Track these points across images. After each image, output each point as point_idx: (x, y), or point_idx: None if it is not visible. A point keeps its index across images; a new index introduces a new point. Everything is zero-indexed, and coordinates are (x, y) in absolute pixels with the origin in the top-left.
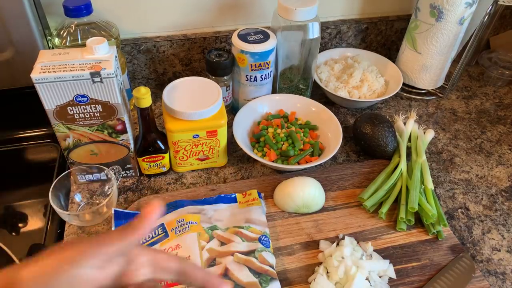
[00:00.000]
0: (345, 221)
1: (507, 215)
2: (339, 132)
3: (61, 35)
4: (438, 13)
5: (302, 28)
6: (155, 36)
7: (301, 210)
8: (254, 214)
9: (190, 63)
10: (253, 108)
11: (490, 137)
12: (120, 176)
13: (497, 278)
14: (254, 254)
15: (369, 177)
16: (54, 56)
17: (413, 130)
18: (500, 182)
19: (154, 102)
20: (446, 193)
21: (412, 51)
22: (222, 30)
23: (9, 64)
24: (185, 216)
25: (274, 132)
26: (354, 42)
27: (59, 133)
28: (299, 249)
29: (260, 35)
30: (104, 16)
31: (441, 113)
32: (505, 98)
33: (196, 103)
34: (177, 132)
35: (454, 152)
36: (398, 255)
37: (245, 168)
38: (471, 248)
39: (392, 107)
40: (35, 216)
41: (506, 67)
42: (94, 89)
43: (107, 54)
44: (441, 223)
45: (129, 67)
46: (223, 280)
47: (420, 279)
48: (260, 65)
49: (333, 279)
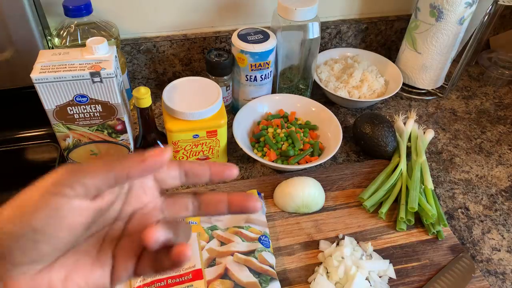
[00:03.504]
0: (345, 221)
1: (507, 215)
2: (339, 132)
3: (61, 35)
4: (438, 13)
5: (302, 28)
6: (155, 36)
7: (301, 210)
8: (254, 214)
9: (190, 63)
10: (253, 108)
11: (490, 137)
12: None
13: (497, 278)
14: (254, 254)
15: (369, 177)
16: (54, 56)
17: (413, 130)
18: (500, 182)
19: (154, 102)
20: (446, 193)
21: (412, 51)
22: (222, 30)
23: (9, 64)
24: None
25: (274, 132)
26: (354, 42)
27: (59, 133)
28: (299, 249)
29: (260, 35)
30: (104, 16)
31: (441, 113)
32: (505, 98)
33: (196, 103)
34: (177, 132)
35: (454, 152)
36: (398, 255)
37: (245, 168)
38: (471, 248)
39: (392, 107)
40: None
41: (506, 67)
42: (94, 89)
43: (107, 54)
44: (441, 223)
45: (129, 67)
46: (228, 165)
47: (420, 279)
48: (260, 65)
49: (333, 279)
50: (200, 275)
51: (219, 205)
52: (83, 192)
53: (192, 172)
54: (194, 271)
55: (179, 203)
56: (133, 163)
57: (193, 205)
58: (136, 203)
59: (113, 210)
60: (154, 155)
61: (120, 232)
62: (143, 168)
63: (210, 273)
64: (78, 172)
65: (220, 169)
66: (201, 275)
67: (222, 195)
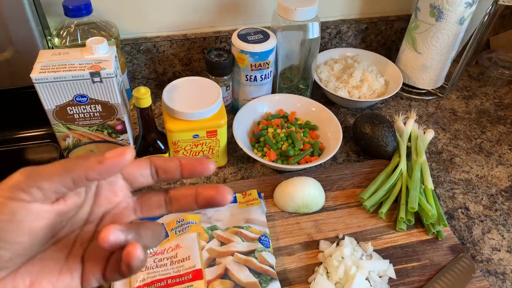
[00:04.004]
0: (345, 221)
1: (507, 215)
2: (339, 132)
3: (61, 35)
4: (438, 13)
5: (302, 28)
6: (155, 36)
7: (301, 210)
8: (254, 214)
9: (190, 63)
10: (253, 108)
11: (490, 137)
12: None
13: (497, 278)
14: (254, 254)
15: (369, 177)
16: (54, 56)
17: (413, 130)
18: (500, 182)
19: (154, 102)
20: (446, 193)
21: (412, 51)
22: (222, 30)
23: (9, 64)
24: (185, 216)
25: (274, 132)
26: (354, 42)
27: (59, 133)
28: (299, 249)
29: (260, 35)
30: (104, 16)
31: (441, 113)
32: (505, 98)
33: (196, 103)
34: (177, 132)
35: (454, 152)
36: (398, 255)
37: (245, 168)
38: (471, 248)
39: (392, 107)
40: None
41: (506, 67)
42: (93, 89)
43: (106, 54)
44: (441, 223)
45: (129, 67)
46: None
47: (420, 279)
48: (260, 65)
49: (333, 279)
50: (200, 275)
51: (187, 199)
52: (40, 196)
53: (162, 169)
54: (194, 271)
55: (151, 201)
56: (91, 164)
57: (166, 202)
58: (106, 204)
59: (82, 213)
60: (113, 157)
61: (91, 235)
62: (101, 171)
63: (210, 273)
64: (35, 176)
65: (192, 164)
66: (201, 275)
67: (191, 189)
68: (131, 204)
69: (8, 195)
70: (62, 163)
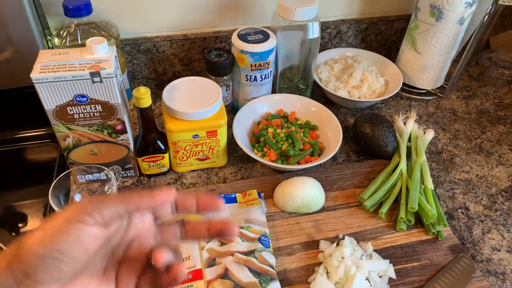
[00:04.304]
0: (345, 221)
1: (507, 215)
2: (339, 132)
3: (61, 35)
4: (438, 13)
5: (302, 28)
6: (155, 36)
7: (301, 210)
8: (254, 214)
9: (190, 63)
10: (253, 108)
11: (490, 137)
12: (120, 176)
13: (497, 278)
14: (254, 254)
15: (369, 177)
16: (54, 56)
17: (413, 130)
18: (500, 182)
19: (154, 102)
20: (446, 193)
21: (412, 51)
22: (222, 30)
23: (9, 64)
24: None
25: (274, 132)
26: (354, 42)
27: (59, 133)
28: (299, 249)
29: (260, 35)
30: (104, 16)
31: (441, 113)
32: (505, 98)
33: (196, 103)
34: (177, 132)
35: (454, 152)
36: (398, 255)
37: (245, 168)
38: (471, 248)
39: (392, 107)
40: (34, 216)
41: (506, 67)
42: (93, 89)
43: (106, 54)
44: (441, 223)
45: (129, 67)
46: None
47: (420, 279)
48: (260, 65)
49: (333, 279)
50: (200, 275)
51: (200, 232)
52: (100, 221)
53: (182, 206)
54: (194, 271)
55: (169, 230)
56: (144, 198)
57: (181, 232)
58: (135, 231)
59: (117, 237)
60: (163, 194)
61: (122, 256)
62: (151, 204)
63: (210, 273)
64: (97, 203)
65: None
66: (201, 275)
67: (204, 224)
68: (153, 231)
69: (75, 217)
70: (118, 196)
